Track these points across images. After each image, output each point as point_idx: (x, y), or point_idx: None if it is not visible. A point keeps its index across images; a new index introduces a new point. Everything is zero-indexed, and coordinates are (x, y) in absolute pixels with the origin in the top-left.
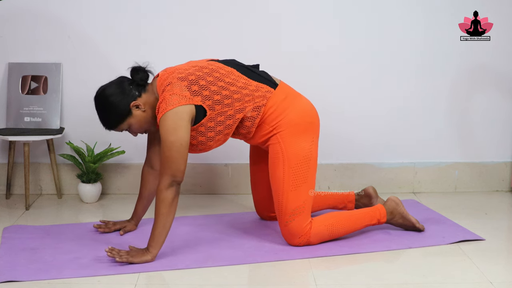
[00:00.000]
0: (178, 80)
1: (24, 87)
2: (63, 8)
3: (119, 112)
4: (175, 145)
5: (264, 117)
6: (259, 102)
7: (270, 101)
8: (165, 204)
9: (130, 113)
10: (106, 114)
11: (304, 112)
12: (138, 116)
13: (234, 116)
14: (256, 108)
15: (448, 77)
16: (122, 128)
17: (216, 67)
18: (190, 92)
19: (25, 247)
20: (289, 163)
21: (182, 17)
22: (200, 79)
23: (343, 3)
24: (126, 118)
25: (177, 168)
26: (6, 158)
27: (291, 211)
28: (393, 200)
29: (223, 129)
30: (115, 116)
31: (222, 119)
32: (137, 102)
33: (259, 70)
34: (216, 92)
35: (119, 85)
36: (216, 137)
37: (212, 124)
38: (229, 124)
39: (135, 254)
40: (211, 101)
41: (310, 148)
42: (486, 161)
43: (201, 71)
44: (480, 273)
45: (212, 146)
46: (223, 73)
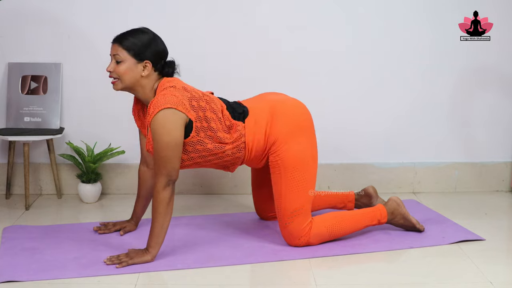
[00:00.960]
0: (182, 88)
1: (24, 87)
2: (63, 8)
3: (138, 48)
4: (170, 145)
5: (252, 151)
6: (237, 140)
7: (248, 137)
8: (163, 204)
9: (138, 61)
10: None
11: (286, 117)
12: (135, 69)
13: (211, 151)
14: (235, 146)
15: (448, 77)
16: (118, 54)
17: (214, 98)
18: (190, 104)
19: (25, 247)
20: (285, 168)
21: (182, 17)
22: (201, 100)
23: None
24: (132, 57)
25: (172, 167)
26: (6, 158)
27: (290, 212)
28: (394, 200)
29: (196, 158)
30: (133, 45)
31: (200, 148)
32: (149, 66)
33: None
34: (208, 119)
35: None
36: (185, 162)
37: (189, 148)
38: (204, 155)
39: (135, 255)
40: (200, 125)
41: (305, 148)
42: (486, 161)
43: (204, 95)
44: (480, 273)
45: (187, 165)
46: (218, 107)
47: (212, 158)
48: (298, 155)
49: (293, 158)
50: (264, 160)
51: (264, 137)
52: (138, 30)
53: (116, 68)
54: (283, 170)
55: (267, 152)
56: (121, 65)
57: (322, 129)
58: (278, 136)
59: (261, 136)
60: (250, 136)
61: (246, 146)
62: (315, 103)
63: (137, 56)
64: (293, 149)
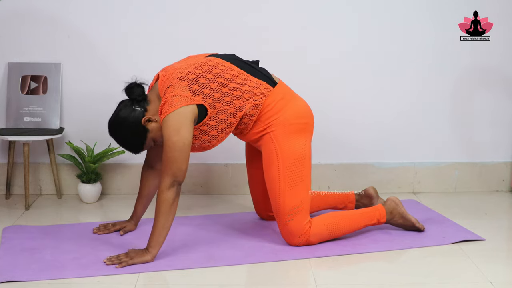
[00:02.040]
0: (178, 80)
1: (24, 87)
2: (63, 8)
3: (137, 135)
4: (178, 145)
5: (260, 114)
6: (258, 100)
7: (268, 99)
8: (166, 204)
9: (147, 130)
10: (128, 140)
11: (299, 113)
12: (154, 128)
13: (235, 114)
14: (256, 107)
15: (448, 77)
16: (149, 145)
17: (215, 62)
18: (191, 91)
19: (25, 247)
20: (284, 162)
21: (182, 16)
22: (200, 77)
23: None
24: (146, 136)
25: (179, 168)
26: (6, 158)
27: (288, 210)
28: (392, 200)
29: (225, 127)
30: (136, 140)
31: (224, 117)
32: (147, 117)
33: (258, 67)
34: (216, 89)
35: (124, 110)
36: (219, 135)
37: (214, 122)
38: (231, 122)
39: (135, 255)
40: (212, 99)
41: (304, 147)
42: (486, 161)
43: (201, 68)
44: (480, 273)
45: (215, 144)
46: (223, 69)
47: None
48: (298, 151)
49: (292, 153)
50: (257, 136)
51: (278, 114)
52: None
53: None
54: (281, 164)
55: (265, 129)
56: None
57: (322, 129)
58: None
59: (277, 110)
60: (269, 101)
61: (262, 105)
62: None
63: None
64: (293, 144)
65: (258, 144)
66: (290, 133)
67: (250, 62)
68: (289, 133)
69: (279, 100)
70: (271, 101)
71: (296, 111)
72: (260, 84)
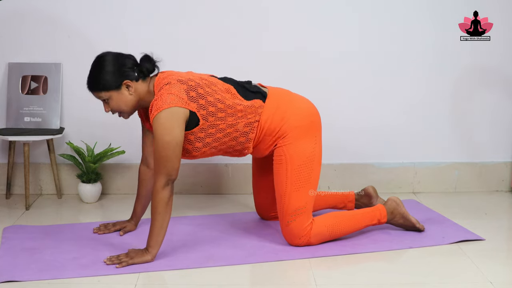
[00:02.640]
0: (177, 82)
1: (24, 87)
2: (63, 8)
3: (109, 80)
4: (171, 145)
5: (263, 131)
6: (251, 118)
7: (264, 116)
8: (162, 204)
9: (119, 88)
10: (97, 75)
11: (302, 114)
12: (123, 95)
13: (225, 130)
14: (248, 124)
15: (448, 77)
16: (102, 96)
17: (215, 81)
18: (188, 96)
19: (25, 247)
20: (292, 165)
21: (182, 16)
22: (199, 87)
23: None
24: (112, 90)
25: (172, 166)
26: (6, 158)
27: (292, 211)
28: (393, 200)
29: (212, 142)
30: (104, 82)
31: (213, 131)
32: (130, 83)
33: (251, 86)
34: (212, 103)
35: (125, 58)
36: (202, 149)
37: (202, 134)
38: (219, 137)
39: (135, 255)
40: (206, 112)
41: (314, 148)
42: (486, 161)
43: (201, 80)
44: (480, 273)
45: (196, 156)
46: (221, 88)
47: (226, 140)
48: (306, 154)
49: (301, 156)
50: (270, 149)
51: (280, 124)
52: (98, 63)
53: (111, 107)
54: (290, 167)
55: (275, 140)
56: (110, 102)
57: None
58: (291, 130)
59: (277, 121)
60: (267, 116)
61: (259, 125)
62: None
63: (114, 87)
64: (302, 147)
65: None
66: (298, 137)
67: (243, 83)
68: (298, 137)
69: (276, 111)
70: (267, 116)
71: (299, 113)
72: (253, 104)
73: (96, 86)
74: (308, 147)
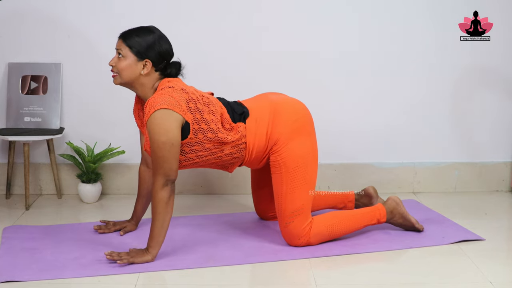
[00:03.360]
0: (181, 89)
1: (24, 87)
2: (63, 8)
3: (142, 47)
4: (167, 146)
5: (253, 151)
6: (237, 141)
7: (249, 137)
8: (162, 204)
9: (140, 59)
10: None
11: (287, 119)
12: (135, 66)
13: (209, 150)
14: (235, 146)
15: (448, 77)
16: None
17: (214, 101)
18: (187, 106)
19: (25, 247)
20: (287, 168)
21: (182, 17)
22: (199, 103)
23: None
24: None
25: (170, 167)
26: (6, 158)
27: (290, 212)
28: (393, 199)
29: (194, 158)
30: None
31: (198, 149)
32: (149, 66)
33: (238, 107)
34: (206, 121)
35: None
36: (182, 163)
37: (187, 149)
38: (202, 155)
39: (135, 254)
40: (198, 127)
41: (307, 146)
42: (486, 161)
43: (202, 97)
44: (480, 273)
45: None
46: (218, 110)
47: (210, 158)
48: (300, 155)
49: (295, 157)
50: (264, 160)
51: (266, 137)
52: (145, 29)
53: (117, 63)
54: (284, 170)
55: (268, 152)
56: (122, 60)
57: (322, 129)
58: (280, 136)
59: (262, 136)
60: (251, 137)
61: (247, 147)
62: (315, 104)
63: (139, 55)
64: (295, 149)
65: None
66: (288, 140)
67: (232, 104)
68: (287, 140)
69: (256, 128)
70: (251, 136)
71: (282, 119)
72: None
73: (128, 38)
74: (300, 147)
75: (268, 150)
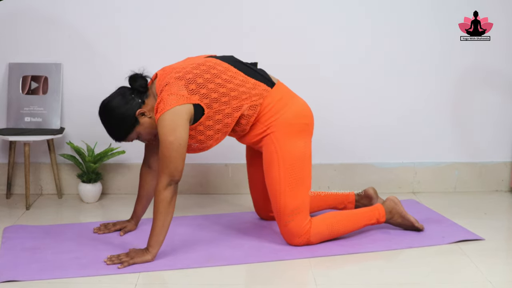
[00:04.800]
0: (175, 79)
1: (25, 87)
2: (63, 8)
3: (126, 123)
4: (174, 145)
5: (259, 116)
6: (256, 100)
7: (266, 100)
8: (164, 204)
9: (138, 122)
10: (113, 127)
11: (299, 113)
12: (145, 123)
13: (232, 115)
14: (253, 107)
15: (448, 77)
16: (132, 138)
17: (213, 63)
18: (188, 91)
19: (26, 247)
20: (284, 163)
21: (181, 16)
22: (198, 77)
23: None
24: (134, 128)
25: (175, 167)
26: (7, 158)
27: (289, 211)
28: (391, 199)
29: (222, 128)
30: (123, 128)
31: (220, 117)
32: (142, 110)
33: (257, 68)
34: (214, 90)
35: (122, 96)
36: (215, 136)
37: (210, 122)
38: (227, 122)
39: (135, 254)
40: (209, 99)
41: (304, 147)
42: (486, 161)
43: (198, 68)
44: (479, 273)
45: (212, 145)
46: (221, 69)
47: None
48: (297, 153)
49: (292, 154)
50: (258, 137)
51: (277, 115)
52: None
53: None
54: (282, 165)
55: (265, 130)
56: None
57: (322, 129)
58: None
59: (276, 110)
60: (267, 101)
61: (260, 107)
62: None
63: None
64: (293, 145)
65: (259, 145)
66: (290, 134)
67: (248, 64)
68: (290, 134)
69: (278, 101)
70: (269, 102)
71: (296, 111)
72: (258, 85)
73: (120, 137)
74: (299, 146)
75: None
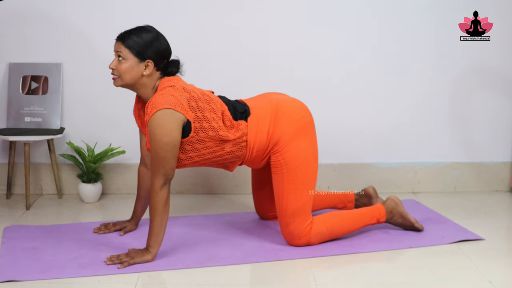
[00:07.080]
0: (182, 88)
1: (25, 87)
2: (63, 8)
3: (142, 47)
4: (169, 146)
5: (254, 150)
6: (238, 139)
7: (250, 135)
8: (161, 204)
9: (141, 60)
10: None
11: (289, 119)
12: (137, 68)
13: (210, 148)
14: (236, 144)
15: (448, 77)
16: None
17: (215, 99)
18: (188, 104)
19: (26, 247)
20: (288, 168)
21: (182, 16)
22: (200, 101)
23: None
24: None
25: (170, 167)
26: (7, 158)
27: (290, 212)
28: (392, 199)
29: (195, 157)
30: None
31: (200, 147)
32: (151, 66)
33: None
34: (207, 119)
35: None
36: (183, 161)
37: (188, 147)
38: (203, 153)
39: (135, 255)
40: (200, 125)
41: (308, 147)
42: (485, 161)
43: (203, 95)
44: (479, 273)
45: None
46: (219, 108)
47: (211, 156)
48: (301, 155)
49: (296, 158)
50: (265, 160)
51: (267, 137)
52: (142, 29)
53: (118, 66)
54: (285, 170)
55: (269, 151)
56: (123, 63)
57: (322, 129)
58: (281, 136)
59: (263, 135)
60: (252, 135)
61: (247, 145)
62: (315, 103)
63: (139, 55)
64: (296, 149)
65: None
66: (289, 141)
67: (234, 103)
68: (289, 141)
69: (258, 127)
70: (252, 134)
71: (284, 119)
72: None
73: (126, 39)
74: (302, 148)
75: (269, 150)
